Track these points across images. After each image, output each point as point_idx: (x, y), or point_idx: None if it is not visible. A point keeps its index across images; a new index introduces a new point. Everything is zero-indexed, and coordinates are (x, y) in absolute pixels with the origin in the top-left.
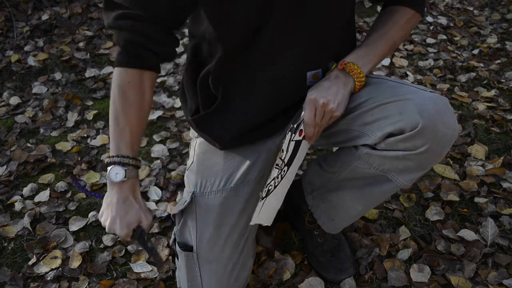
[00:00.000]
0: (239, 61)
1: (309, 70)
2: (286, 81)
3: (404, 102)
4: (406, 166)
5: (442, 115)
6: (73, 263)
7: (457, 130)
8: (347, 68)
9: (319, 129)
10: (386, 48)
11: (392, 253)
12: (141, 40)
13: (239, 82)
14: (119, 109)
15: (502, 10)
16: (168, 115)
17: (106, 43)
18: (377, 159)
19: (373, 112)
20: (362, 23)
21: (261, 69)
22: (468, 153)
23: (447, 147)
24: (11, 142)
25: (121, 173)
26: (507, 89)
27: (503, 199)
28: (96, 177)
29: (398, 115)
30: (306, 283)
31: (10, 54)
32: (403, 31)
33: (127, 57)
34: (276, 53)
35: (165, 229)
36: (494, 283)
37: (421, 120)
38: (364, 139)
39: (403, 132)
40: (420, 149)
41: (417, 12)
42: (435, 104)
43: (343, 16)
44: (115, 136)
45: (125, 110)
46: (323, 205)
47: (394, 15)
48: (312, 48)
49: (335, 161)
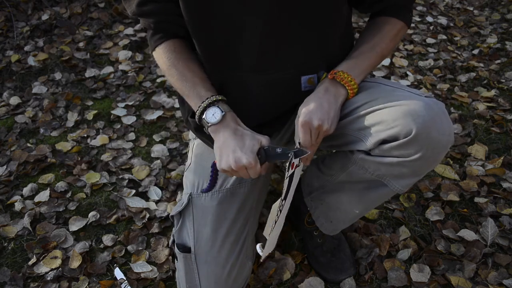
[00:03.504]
0: (229, 64)
1: (303, 75)
2: (280, 85)
3: (398, 108)
4: (401, 172)
5: (436, 121)
6: (73, 263)
7: (452, 135)
8: (337, 78)
9: (314, 149)
10: (375, 59)
11: (392, 253)
12: (167, 18)
13: (232, 85)
14: (181, 68)
15: (502, 10)
16: (168, 115)
17: (106, 43)
18: (372, 164)
19: (368, 118)
20: (362, 23)
21: (253, 72)
22: (468, 153)
23: (442, 153)
24: (11, 142)
25: (218, 111)
26: (507, 89)
27: (503, 199)
28: (96, 177)
29: (392, 121)
30: (306, 283)
31: (10, 54)
32: (392, 42)
33: (163, 33)
34: (267, 57)
35: (165, 229)
36: (494, 283)
37: (414, 127)
38: (358, 145)
39: (397, 138)
40: (414, 156)
41: (405, 24)
42: (429, 110)
43: (338, 22)
44: (190, 91)
45: (187, 66)
46: (321, 207)
47: (383, 27)
48: (305, 53)
49: (332, 164)
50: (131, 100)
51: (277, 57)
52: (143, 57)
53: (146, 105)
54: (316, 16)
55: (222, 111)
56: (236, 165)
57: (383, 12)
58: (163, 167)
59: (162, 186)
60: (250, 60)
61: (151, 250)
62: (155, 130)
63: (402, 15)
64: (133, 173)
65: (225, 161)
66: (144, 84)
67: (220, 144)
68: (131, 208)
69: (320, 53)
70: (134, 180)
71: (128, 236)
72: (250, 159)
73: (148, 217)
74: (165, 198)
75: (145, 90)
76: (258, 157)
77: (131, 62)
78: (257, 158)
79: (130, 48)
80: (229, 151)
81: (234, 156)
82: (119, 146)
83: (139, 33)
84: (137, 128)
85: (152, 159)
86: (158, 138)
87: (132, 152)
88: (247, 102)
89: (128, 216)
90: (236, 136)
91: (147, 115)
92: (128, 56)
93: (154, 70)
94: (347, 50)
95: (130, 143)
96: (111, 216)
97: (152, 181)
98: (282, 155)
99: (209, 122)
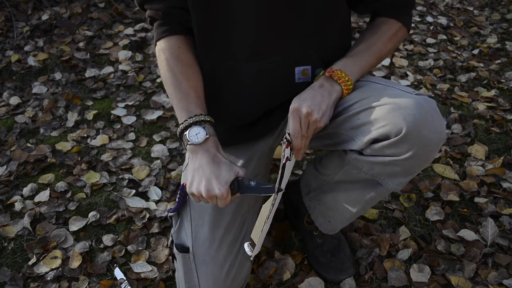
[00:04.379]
0: (220, 52)
1: (297, 66)
2: (273, 76)
3: (388, 107)
4: (394, 171)
5: (427, 119)
6: (73, 263)
7: (444, 133)
8: (334, 76)
9: (306, 141)
10: (373, 59)
11: (392, 253)
12: (173, 10)
13: (223, 75)
14: (178, 74)
15: (502, 10)
16: (168, 115)
17: (106, 43)
18: (366, 164)
19: (359, 117)
20: (362, 23)
21: (245, 61)
22: (468, 153)
23: (434, 151)
24: (11, 142)
25: (202, 132)
26: (507, 89)
27: (503, 199)
28: (96, 177)
29: (383, 120)
30: (306, 283)
31: (10, 54)
32: (391, 43)
33: (169, 26)
34: (261, 46)
35: (165, 229)
36: (494, 283)
37: (405, 125)
38: (351, 144)
39: (388, 137)
40: (405, 154)
41: (404, 25)
42: (420, 108)
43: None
44: (181, 101)
45: (185, 72)
46: (320, 207)
47: (381, 26)
48: (300, 44)
49: (328, 164)
50: (131, 100)
51: (271, 46)
52: (143, 57)
53: (146, 105)
54: (313, 8)
55: (206, 133)
56: (207, 194)
57: (382, 14)
58: (163, 167)
59: (162, 186)
60: (244, 48)
61: (151, 250)
62: (155, 130)
63: (400, 17)
64: (133, 173)
65: (196, 186)
66: (144, 84)
67: (195, 167)
68: (131, 208)
69: (316, 45)
70: (134, 180)
71: (128, 236)
72: (223, 190)
73: (148, 217)
74: (165, 198)
75: (145, 90)
76: (230, 187)
77: (131, 62)
78: (230, 190)
79: (130, 48)
80: (202, 177)
81: (207, 185)
82: (119, 146)
83: (139, 33)
84: (137, 128)
85: (152, 159)
86: (158, 138)
87: (132, 152)
88: (239, 93)
89: (128, 216)
90: (213, 163)
91: (147, 115)
92: (128, 56)
93: (154, 70)
94: (345, 49)
95: (130, 143)
96: (111, 216)
97: (152, 181)
98: (255, 189)
99: (190, 141)
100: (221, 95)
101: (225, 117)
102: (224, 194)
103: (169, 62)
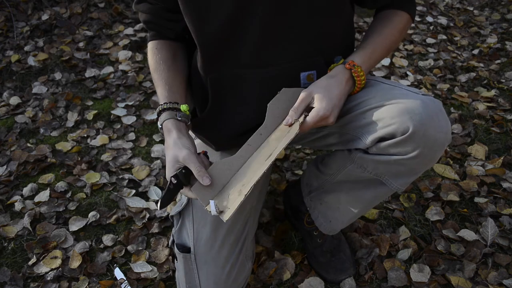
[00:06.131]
0: (226, 60)
1: (302, 71)
2: (278, 82)
3: (395, 106)
4: (399, 170)
5: (434, 119)
6: (73, 263)
7: (449, 133)
8: (354, 72)
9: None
10: (385, 53)
11: (392, 253)
12: (154, 19)
13: (229, 82)
14: (154, 66)
15: (502, 10)
16: None
17: (106, 43)
18: (371, 163)
19: (365, 116)
20: (362, 23)
21: (250, 69)
22: (468, 153)
23: (440, 151)
24: (11, 142)
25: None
26: (507, 89)
27: (503, 199)
28: (96, 177)
29: (389, 119)
30: (306, 283)
31: (10, 54)
32: (400, 35)
33: (150, 32)
34: (266, 52)
35: (165, 229)
36: (494, 283)
37: (411, 124)
38: (356, 143)
39: (394, 136)
40: (411, 154)
41: (410, 16)
42: (426, 107)
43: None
44: (156, 88)
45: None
46: (320, 207)
47: (393, 18)
48: (305, 49)
49: (331, 163)
50: (131, 100)
51: (276, 52)
52: (143, 57)
53: (146, 105)
54: (318, 10)
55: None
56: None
57: (389, 6)
58: (163, 167)
59: (162, 186)
60: (249, 55)
61: (151, 250)
62: (155, 130)
63: (407, 7)
64: (133, 173)
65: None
66: (144, 84)
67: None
68: (131, 208)
69: (320, 49)
70: (134, 180)
71: (128, 236)
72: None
73: (148, 217)
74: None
75: (145, 90)
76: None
77: (131, 62)
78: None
79: (130, 48)
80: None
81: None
82: (119, 146)
83: (139, 33)
84: (137, 128)
85: (152, 159)
86: (158, 138)
87: (132, 152)
88: (244, 99)
89: (128, 216)
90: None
91: (147, 115)
92: (128, 56)
93: None
94: (349, 50)
95: (130, 143)
96: (111, 216)
97: (152, 181)
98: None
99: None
100: (227, 102)
101: (231, 123)
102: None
103: (149, 57)
